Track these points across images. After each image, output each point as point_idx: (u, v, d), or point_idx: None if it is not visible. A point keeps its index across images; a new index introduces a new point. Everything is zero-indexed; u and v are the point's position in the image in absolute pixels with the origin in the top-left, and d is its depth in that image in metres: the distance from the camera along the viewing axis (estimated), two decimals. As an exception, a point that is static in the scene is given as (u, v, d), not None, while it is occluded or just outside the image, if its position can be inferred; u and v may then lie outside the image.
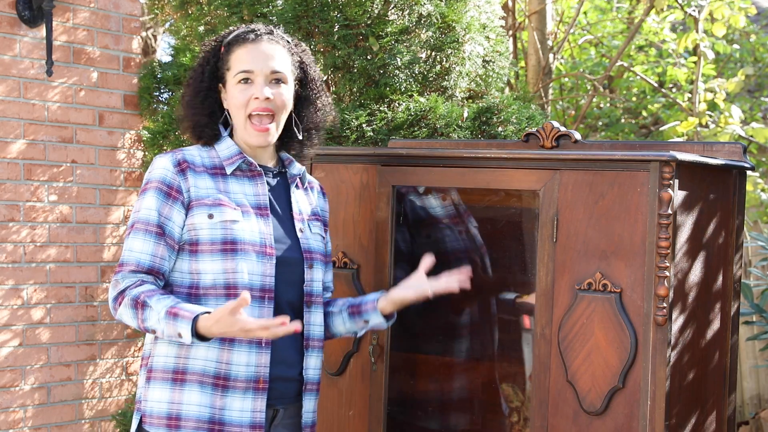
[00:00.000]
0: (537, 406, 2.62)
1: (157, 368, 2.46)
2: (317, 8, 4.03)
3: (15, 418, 4.43)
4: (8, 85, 4.40)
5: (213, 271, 2.44)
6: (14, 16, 4.43)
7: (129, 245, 2.46)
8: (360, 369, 2.89)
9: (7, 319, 4.40)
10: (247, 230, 2.47)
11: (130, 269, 2.43)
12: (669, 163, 2.44)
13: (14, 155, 4.43)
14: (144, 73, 4.83)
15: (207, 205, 2.46)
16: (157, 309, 2.36)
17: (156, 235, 2.44)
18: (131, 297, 2.39)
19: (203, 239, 2.45)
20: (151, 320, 2.38)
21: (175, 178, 2.46)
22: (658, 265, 2.44)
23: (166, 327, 2.36)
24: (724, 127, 6.46)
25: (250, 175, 2.54)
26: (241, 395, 2.44)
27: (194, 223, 2.45)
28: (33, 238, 4.48)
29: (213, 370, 2.43)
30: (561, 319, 2.58)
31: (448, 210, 3.13)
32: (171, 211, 2.46)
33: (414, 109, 3.97)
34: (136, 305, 2.39)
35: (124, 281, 2.43)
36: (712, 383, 2.76)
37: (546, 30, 6.95)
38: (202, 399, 2.42)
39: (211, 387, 2.43)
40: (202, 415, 2.42)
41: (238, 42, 2.55)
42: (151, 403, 2.45)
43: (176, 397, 2.43)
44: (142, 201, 2.47)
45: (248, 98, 2.51)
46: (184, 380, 2.43)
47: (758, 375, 5.77)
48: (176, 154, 2.50)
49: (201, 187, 2.48)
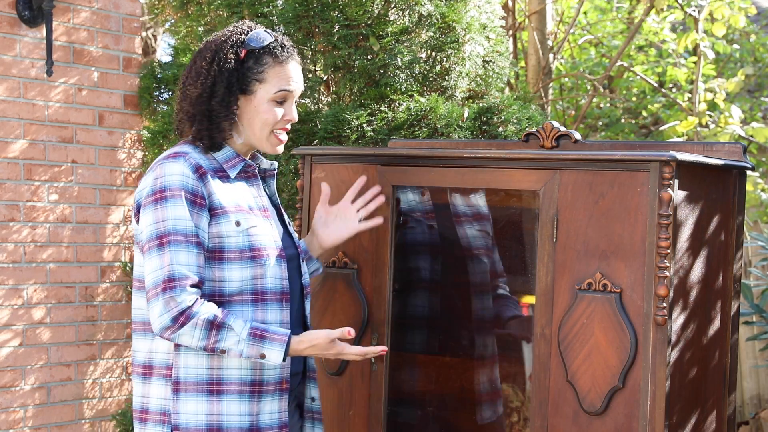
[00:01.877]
0: (537, 406, 2.62)
1: (187, 380, 2.40)
2: (318, 8, 4.03)
3: (15, 418, 4.43)
4: (8, 85, 4.41)
5: (241, 279, 2.41)
6: (14, 16, 4.43)
7: (173, 259, 2.32)
8: (360, 369, 2.89)
9: (8, 319, 4.41)
10: (266, 235, 2.46)
11: (188, 284, 2.32)
12: (669, 163, 2.44)
13: (14, 155, 4.43)
14: (144, 73, 4.84)
15: (231, 212, 2.41)
16: (237, 330, 2.33)
17: (196, 245, 2.35)
18: (205, 319, 2.32)
19: (231, 247, 2.40)
20: (228, 341, 2.33)
21: (197, 185, 2.38)
22: (658, 265, 2.44)
23: (247, 348, 2.34)
24: (724, 127, 6.46)
25: (246, 177, 2.52)
26: (270, 398, 2.46)
27: (220, 231, 2.40)
28: (33, 238, 4.48)
29: (249, 378, 2.43)
30: (561, 319, 2.58)
31: (426, 207, 3.13)
32: (200, 220, 2.37)
33: (414, 109, 3.97)
34: (212, 326, 2.32)
35: (182, 298, 2.31)
36: (712, 383, 2.76)
37: (546, 30, 6.95)
38: (241, 408, 2.41)
39: (248, 395, 2.42)
40: (243, 424, 2.41)
41: (273, 56, 2.47)
42: (185, 416, 2.39)
43: (215, 409, 2.40)
44: (166, 210, 2.35)
45: (280, 118, 2.49)
46: (221, 391, 2.40)
47: (758, 375, 5.78)
48: (189, 159, 2.41)
49: (220, 193, 2.42)
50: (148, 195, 2.39)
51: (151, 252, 2.35)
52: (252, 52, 2.47)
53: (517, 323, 3.03)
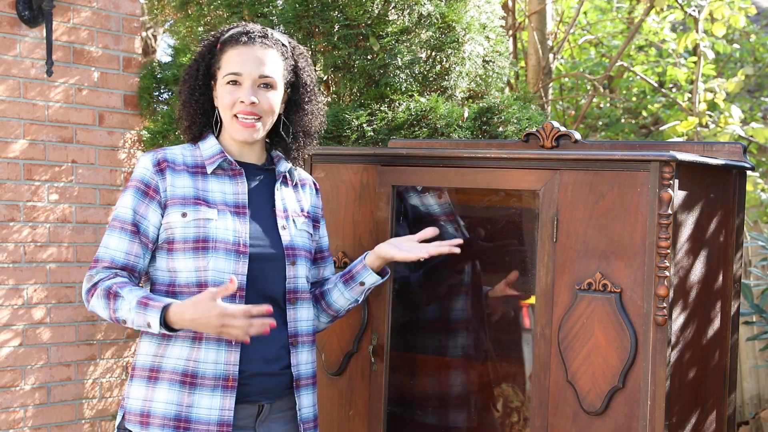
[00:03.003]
0: (537, 406, 2.62)
1: (138, 366, 2.52)
2: (318, 8, 4.04)
3: (15, 418, 4.43)
4: (9, 85, 4.41)
5: (186, 269, 2.48)
6: (14, 16, 4.43)
7: (105, 242, 2.50)
8: (360, 369, 2.89)
9: (8, 319, 4.40)
10: (221, 228, 2.49)
11: (104, 265, 2.48)
12: (669, 163, 2.44)
13: (14, 155, 4.43)
14: (144, 73, 4.84)
15: (181, 204, 2.50)
16: (128, 299, 2.41)
17: (131, 233, 2.49)
18: (104, 288, 2.44)
19: (177, 238, 2.49)
20: (122, 310, 2.42)
21: (153, 178, 2.51)
22: (658, 265, 2.44)
23: (136, 317, 2.41)
24: (724, 127, 6.46)
25: (231, 174, 2.57)
26: (209, 393, 2.46)
27: (169, 222, 2.49)
28: (33, 238, 4.48)
29: (181, 368, 2.46)
30: (561, 319, 2.58)
31: (445, 208, 3.13)
32: (147, 210, 2.50)
33: (414, 109, 3.97)
34: (108, 295, 2.43)
35: (97, 275, 2.47)
36: (712, 383, 2.76)
37: (546, 30, 6.94)
38: (169, 396, 2.46)
39: (179, 384, 2.46)
40: (168, 412, 2.46)
41: (231, 42, 2.56)
42: (130, 400, 2.51)
43: (149, 395, 2.48)
44: (121, 199, 2.53)
45: (235, 100, 2.53)
46: (157, 378, 2.48)
47: (758, 375, 5.78)
48: (157, 154, 2.54)
49: (177, 186, 2.51)
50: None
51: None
52: (222, 44, 2.58)
53: (518, 321, 3.03)
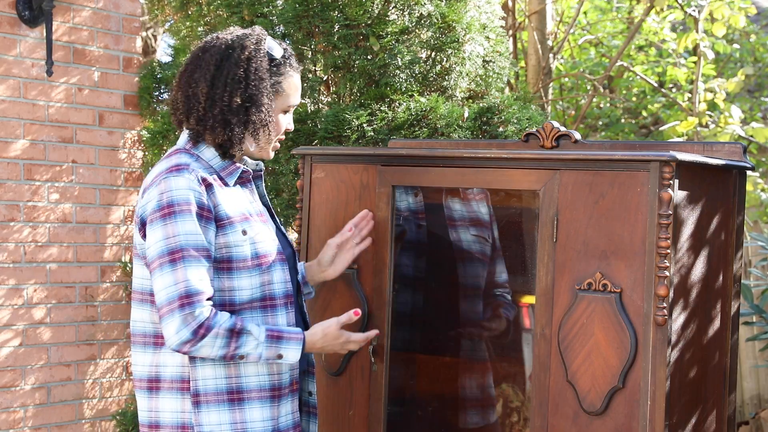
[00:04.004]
0: (537, 406, 2.62)
1: (207, 392, 2.41)
2: (318, 8, 4.03)
3: (15, 418, 4.43)
4: (9, 85, 4.41)
5: (251, 287, 2.44)
6: (14, 16, 4.43)
7: (188, 275, 2.31)
8: (360, 369, 2.89)
9: (8, 319, 4.41)
10: (268, 241, 2.48)
11: (204, 298, 2.33)
12: (669, 163, 2.44)
13: (15, 155, 4.43)
14: (144, 73, 4.84)
15: (237, 221, 2.42)
16: (255, 334, 2.37)
17: (207, 258, 2.36)
18: (226, 327, 2.34)
19: (239, 256, 2.41)
20: (247, 346, 2.36)
21: (203, 198, 2.37)
22: (658, 265, 2.44)
23: (265, 350, 2.39)
24: (724, 127, 6.46)
25: (242, 183, 2.53)
26: (286, 401, 2.51)
27: (228, 242, 2.40)
28: (34, 238, 4.48)
29: (268, 384, 2.46)
30: (561, 319, 2.58)
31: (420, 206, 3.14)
32: (207, 232, 2.37)
33: (414, 109, 3.97)
34: (232, 334, 2.35)
35: (199, 312, 2.31)
36: (712, 383, 2.76)
37: (546, 30, 6.94)
38: (263, 414, 2.44)
39: (269, 400, 2.46)
40: (266, 428, 2.45)
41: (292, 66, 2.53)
42: (208, 426, 2.40)
43: (238, 417, 2.42)
44: (176, 225, 2.33)
45: (285, 128, 2.56)
46: (242, 399, 2.43)
47: (758, 375, 5.78)
48: (193, 172, 2.39)
49: (225, 203, 2.41)
50: (155, 210, 2.36)
51: (162, 268, 2.33)
52: (282, 65, 2.50)
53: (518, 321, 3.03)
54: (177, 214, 2.33)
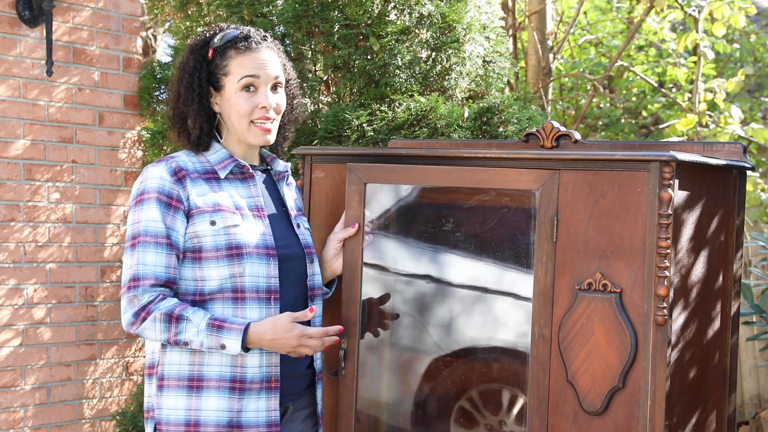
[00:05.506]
0: (537, 406, 2.62)
1: (170, 376, 2.47)
2: (317, 8, 4.04)
3: (15, 418, 4.43)
4: (9, 85, 4.41)
5: (220, 277, 2.46)
6: (14, 16, 4.43)
7: (140, 259, 2.43)
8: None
9: (8, 319, 4.41)
10: (248, 233, 2.49)
11: (149, 284, 2.42)
12: (669, 163, 2.44)
13: (15, 155, 4.43)
14: (144, 73, 4.84)
15: (207, 212, 2.47)
16: (195, 321, 2.39)
17: (167, 246, 2.44)
18: (164, 312, 2.40)
19: (207, 246, 2.46)
20: (187, 333, 2.40)
21: (174, 188, 2.46)
22: (658, 265, 2.44)
23: (206, 339, 2.40)
24: (724, 127, 6.46)
25: (242, 178, 2.57)
26: (255, 396, 2.49)
27: (197, 231, 2.46)
28: (34, 238, 4.48)
29: (229, 375, 2.46)
30: (561, 319, 2.58)
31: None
32: (174, 221, 2.45)
33: (414, 109, 3.97)
34: (170, 319, 2.40)
35: (144, 296, 2.41)
36: (712, 383, 2.76)
37: (546, 30, 6.95)
38: (220, 404, 2.45)
39: (228, 391, 2.46)
40: (221, 419, 2.45)
41: (236, 48, 2.54)
42: (166, 410, 2.46)
43: (194, 404, 2.45)
44: (140, 212, 2.46)
45: (253, 107, 2.53)
46: (201, 387, 2.46)
47: (758, 375, 5.78)
48: (170, 163, 2.50)
49: (198, 194, 2.48)
50: (132, 198, 2.52)
51: (126, 252, 2.48)
52: (217, 49, 2.55)
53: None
54: (144, 202, 2.46)
